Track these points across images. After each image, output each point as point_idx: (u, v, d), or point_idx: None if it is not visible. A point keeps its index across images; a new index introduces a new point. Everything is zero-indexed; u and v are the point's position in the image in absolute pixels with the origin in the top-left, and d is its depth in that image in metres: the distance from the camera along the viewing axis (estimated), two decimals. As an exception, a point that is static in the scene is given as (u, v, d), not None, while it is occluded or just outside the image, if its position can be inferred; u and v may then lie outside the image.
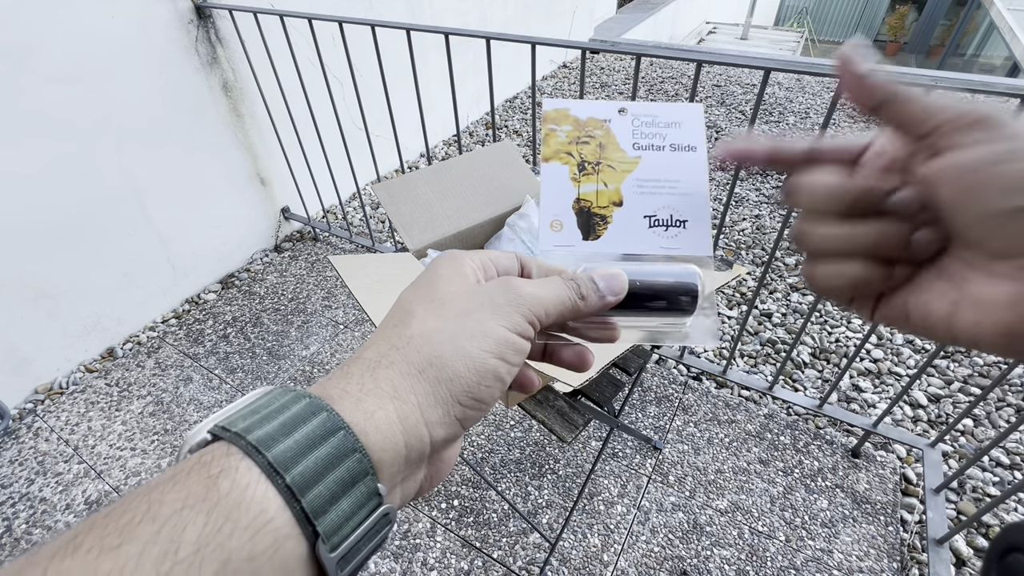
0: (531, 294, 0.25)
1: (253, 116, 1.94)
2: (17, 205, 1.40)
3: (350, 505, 0.19)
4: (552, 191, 0.32)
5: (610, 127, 0.32)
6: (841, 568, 1.14)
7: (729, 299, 1.95)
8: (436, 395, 0.22)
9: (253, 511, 0.17)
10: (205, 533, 0.16)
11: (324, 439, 0.19)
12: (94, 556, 0.15)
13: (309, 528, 0.18)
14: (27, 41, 1.32)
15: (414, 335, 0.23)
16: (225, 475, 0.17)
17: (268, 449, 0.18)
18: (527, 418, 1.46)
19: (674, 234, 0.31)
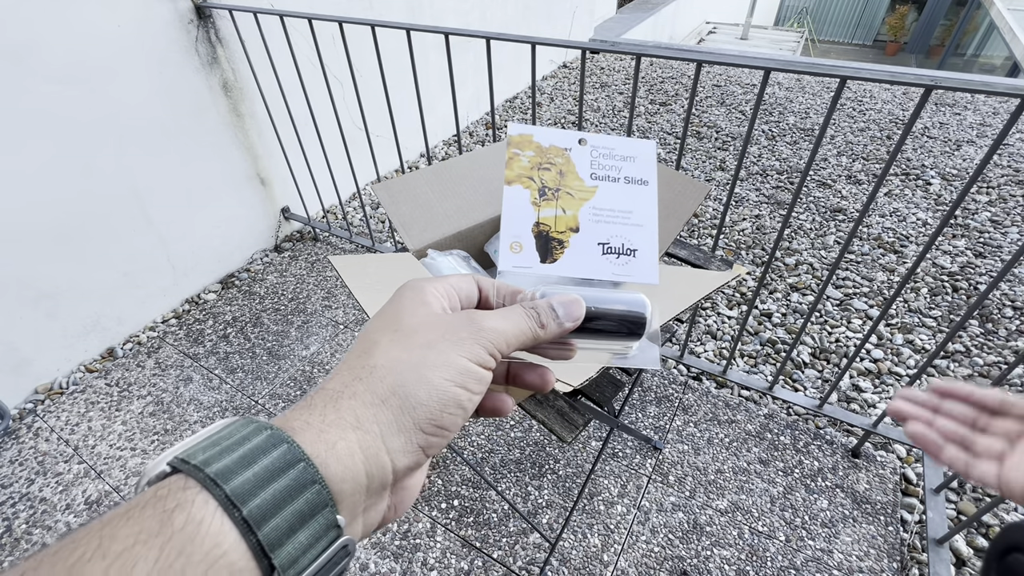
0: (493, 328, 0.25)
1: (253, 116, 1.94)
2: (17, 205, 1.40)
3: (307, 537, 0.19)
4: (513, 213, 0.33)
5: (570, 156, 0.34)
6: (841, 568, 1.14)
7: (729, 299, 1.95)
8: (399, 423, 0.22)
9: (207, 545, 0.16)
10: (156, 569, 0.15)
11: (284, 471, 0.19)
12: None
13: (265, 561, 0.17)
14: (27, 41, 1.32)
15: (377, 365, 0.23)
16: (180, 509, 0.17)
17: (226, 482, 0.18)
18: (527, 418, 1.46)
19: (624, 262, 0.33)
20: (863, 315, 1.85)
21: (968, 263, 2.08)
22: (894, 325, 1.81)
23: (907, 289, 1.96)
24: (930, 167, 2.73)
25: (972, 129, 3.11)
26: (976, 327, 1.79)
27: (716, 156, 2.93)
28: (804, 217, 2.38)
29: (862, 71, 0.88)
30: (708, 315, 1.87)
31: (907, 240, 2.22)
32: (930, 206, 2.44)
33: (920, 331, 1.79)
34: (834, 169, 2.75)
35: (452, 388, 0.23)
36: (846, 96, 3.63)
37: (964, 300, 1.90)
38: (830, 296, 1.94)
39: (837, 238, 2.24)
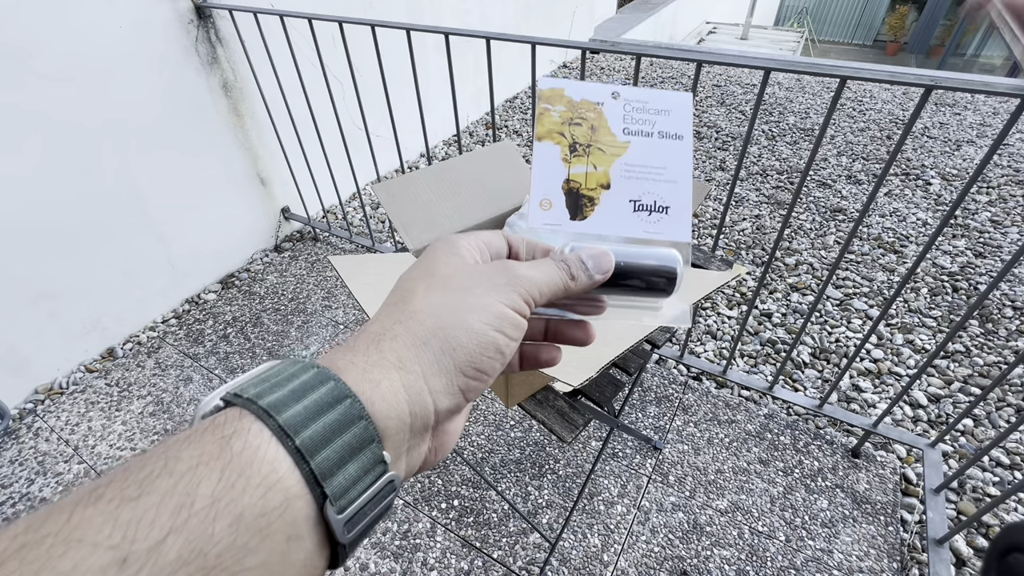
0: (526, 275, 0.26)
1: (253, 116, 1.94)
2: (17, 205, 1.40)
3: (356, 470, 0.19)
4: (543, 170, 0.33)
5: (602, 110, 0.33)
6: (841, 568, 1.14)
7: (729, 299, 1.95)
8: (440, 365, 0.23)
9: (264, 470, 0.17)
10: (219, 488, 0.16)
11: (332, 406, 0.19)
12: (115, 506, 0.15)
13: (318, 490, 0.18)
14: (28, 41, 1.32)
15: (417, 309, 0.24)
16: (238, 436, 0.18)
17: (279, 413, 0.18)
18: (527, 418, 1.46)
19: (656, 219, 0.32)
20: (863, 315, 1.85)
21: (968, 263, 2.08)
22: (894, 325, 1.81)
23: (907, 289, 1.96)
24: (930, 167, 2.73)
25: (972, 129, 3.11)
26: (976, 327, 1.79)
27: (716, 156, 2.93)
28: (804, 217, 2.38)
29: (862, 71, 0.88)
30: (708, 315, 1.87)
31: (907, 240, 2.22)
32: (930, 206, 2.44)
33: (920, 331, 1.79)
34: (834, 169, 2.75)
35: (490, 332, 0.24)
36: (846, 96, 3.63)
37: (964, 300, 1.90)
38: (830, 296, 1.94)
39: (837, 238, 2.24)
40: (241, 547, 0.16)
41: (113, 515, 0.15)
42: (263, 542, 0.17)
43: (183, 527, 0.15)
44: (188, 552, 0.15)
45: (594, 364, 0.64)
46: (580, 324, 0.31)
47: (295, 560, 0.18)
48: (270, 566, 0.17)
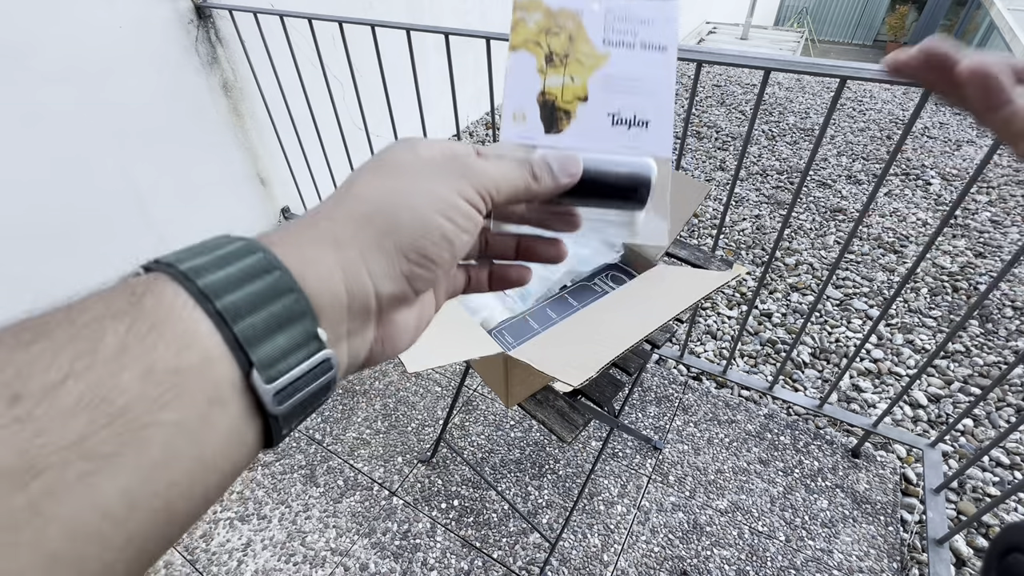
0: (482, 169, 0.24)
1: (253, 116, 1.94)
2: (17, 205, 1.40)
3: (286, 341, 0.18)
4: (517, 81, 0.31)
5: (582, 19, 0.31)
6: (841, 568, 1.14)
7: (729, 299, 1.95)
8: (380, 245, 0.21)
9: (179, 329, 0.16)
10: (127, 339, 0.15)
11: (259, 276, 0.18)
12: (7, 350, 0.14)
13: (242, 355, 0.17)
14: (27, 41, 1.32)
15: (358, 193, 0.22)
16: (150, 294, 0.16)
17: (199, 277, 0.17)
18: (527, 418, 1.46)
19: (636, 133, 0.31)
20: (863, 315, 1.85)
21: (968, 263, 2.08)
22: (894, 325, 1.81)
23: (907, 289, 1.96)
24: (930, 167, 2.73)
25: (972, 129, 3.11)
26: (976, 327, 1.79)
27: (716, 156, 2.93)
28: (804, 217, 2.38)
29: (862, 71, 0.88)
30: (708, 315, 1.87)
31: (907, 240, 2.22)
32: (930, 206, 2.44)
33: (920, 331, 1.79)
34: (834, 169, 2.75)
35: (436, 216, 0.22)
36: (846, 96, 3.63)
37: (964, 300, 1.90)
38: (830, 296, 1.94)
39: (837, 238, 2.24)
40: (154, 400, 0.15)
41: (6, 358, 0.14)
42: (179, 398, 0.15)
43: (84, 373, 0.14)
44: (90, 396, 0.14)
45: (594, 364, 0.64)
46: (552, 241, 0.30)
47: (218, 424, 0.16)
48: (187, 424, 0.15)
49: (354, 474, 1.34)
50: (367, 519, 1.25)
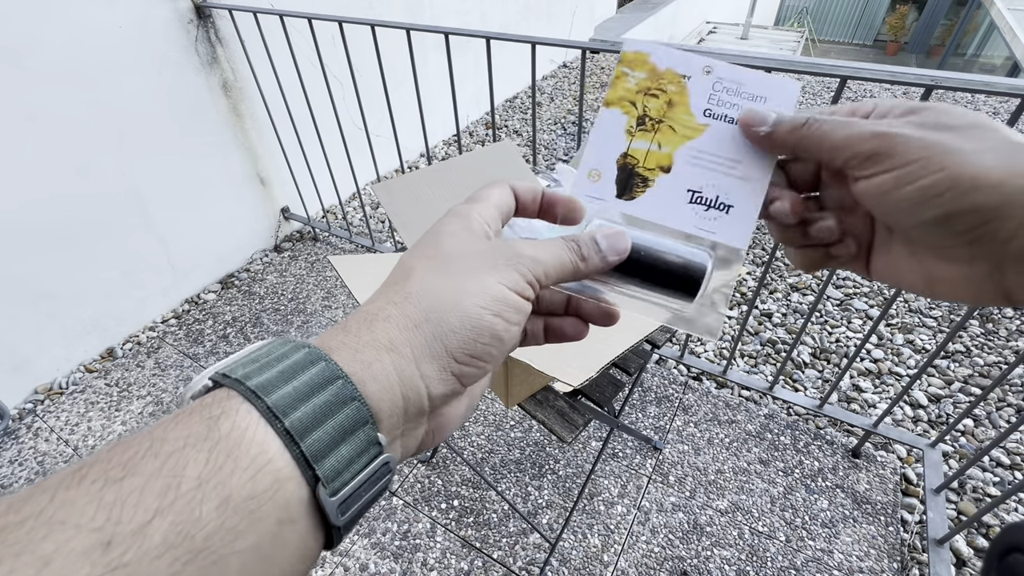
0: (531, 256, 0.25)
1: (253, 116, 1.94)
2: (17, 205, 1.40)
3: (350, 451, 0.19)
4: (602, 139, 0.30)
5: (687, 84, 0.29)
6: (841, 568, 1.14)
7: (729, 299, 1.95)
8: (431, 349, 0.22)
9: (253, 451, 0.17)
10: (206, 471, 0.16)
11: (323, 387, 0.19)
12: (98, 487, 0.15)
13: (309, 472, 0.18)
14: (27, 41, 1.32)
15: (412, 291, 0.23)
16: (225, 416, 0.17)
17: (267, 394, 0.18)
18: (527, 418, 1.46)
19: (714, 216, 0.28)
20: (863, 315, 1.85)
21: (968, 263, 2.08)
22: (894, 325, 1.81)
23: (907, 289, 1.96)
24: (930, 167, 2.73)
25: (972, 129, 3.11)
26: (976, 327, 1.79)
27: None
28: (804, 217, 2.38)
29: (862, 71, 0.88)
30: (708, 315, 1.87)
31: (907, 240, 2.22)
32: (930, 206, 2.43)
33: (920, 331, 1.79)
34: (834, 169, 2.75)
35: (487, 316, 0.23)
36: (846, 96, 3.63)
37: (964, 300, 1.90)
38: (830, 296, 1.94)
39: (837, 238, 2.24)
40: (230, 530, 0.16)
41: (97, 496, 0.15)
42: (253, 525, 0.16)
43: (169, 509, 0.15)
44: (174, 535, 0.15)
45: (594, 364, 0.64)
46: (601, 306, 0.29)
47: (288, 542, 0.17)
48: (261, 548, 0.17)
49: (354, 474, 1.34)
50: (367, 519, 1.25)
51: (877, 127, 0.24)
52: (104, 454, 0.16)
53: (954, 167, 0.22)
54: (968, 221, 0.22)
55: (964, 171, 0.21)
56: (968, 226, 0.22)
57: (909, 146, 0.23)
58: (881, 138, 0.23)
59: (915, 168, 0.22)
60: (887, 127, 0.24)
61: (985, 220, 0.21)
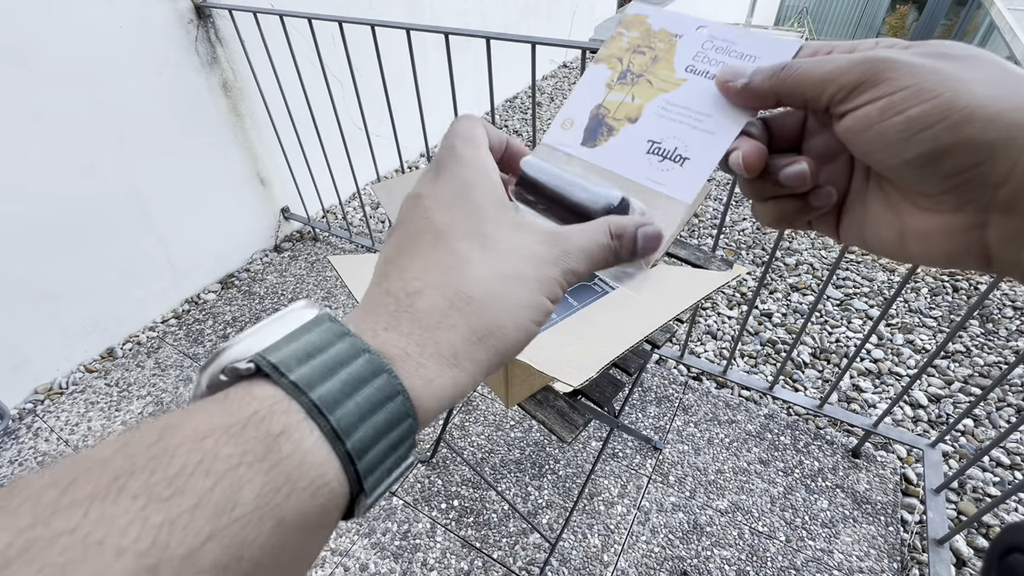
0: (576, 245, 0.24)
1: (253, 116, 1.94)
2: (18, 205, 1.40)
3: (391, 463, 0.19)
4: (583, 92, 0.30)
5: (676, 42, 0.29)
6: (841, 568, 1.14)
7: (729, 299, 1.95)
8: (489, 362, 0.22)
9: (313, 474, 0.17)
10: (264, 493, 0.15)
11: (383, 404, 0.19)
12: (141, 505, 0.14)
13: (358, 488, 0.18)
14: (28, 41, 1.32)
15: (474, 296, 0.22)
16: (286, 436, 0.16)
17: (332, 411, 0.17)
18: (527, 418, 1.46)
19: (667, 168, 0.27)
20: (863, 315, 1.85)
21: (968, 263, 2.07)
22: (894, 325, 1.81)
23: (907, 289, 1.96)
24: (930, 167, 2.73)
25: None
26: (976, 327, 1.79)
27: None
28: (804, 217, 2.38)
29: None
30: (708, 315, 1.87)
31: (907, 240, 2.22)
32: (930, 206, 2.43)
33: (920, 331, 1.78)
34: (834, 169, 2.75)
35: (534, 328, 0.23)
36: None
37: (964, 300, 1.90)
38: (830, 296, 1.94)
39: (837, 238, 2.24)
40: (279, 547, 0.15)
41: (140, 516, 0.13)
42: (301, 534, 0.16)
43: (222, 533, 0.14)
44: (226, 558, 0.14)
45: (594, 364, 0.64)
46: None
47: (321, 537, 0.18)
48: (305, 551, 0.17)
49: (354, 474, 1.34)
50: (367, 519, 1.25)
51: (864, 54, 0.22)
52: (143, 462, 0.15)
53: (947, 96, 0.19)
54: (958, 160, 0.20)
55: (958, 101, 0.19)
56: (957, 167, 0.20)
57: (899, 72, 0.21)
58: (867, 63, 0.21)
59: (904, 95, 0.20)
60: (875, 52, 0.22)
61: (977, 160, 0.19)
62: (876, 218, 0.25)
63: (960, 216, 0.21)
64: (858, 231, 0.26)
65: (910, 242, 0.23)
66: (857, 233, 0.26)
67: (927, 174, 0.21)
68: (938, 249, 0.22)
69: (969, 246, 0.22)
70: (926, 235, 0.23)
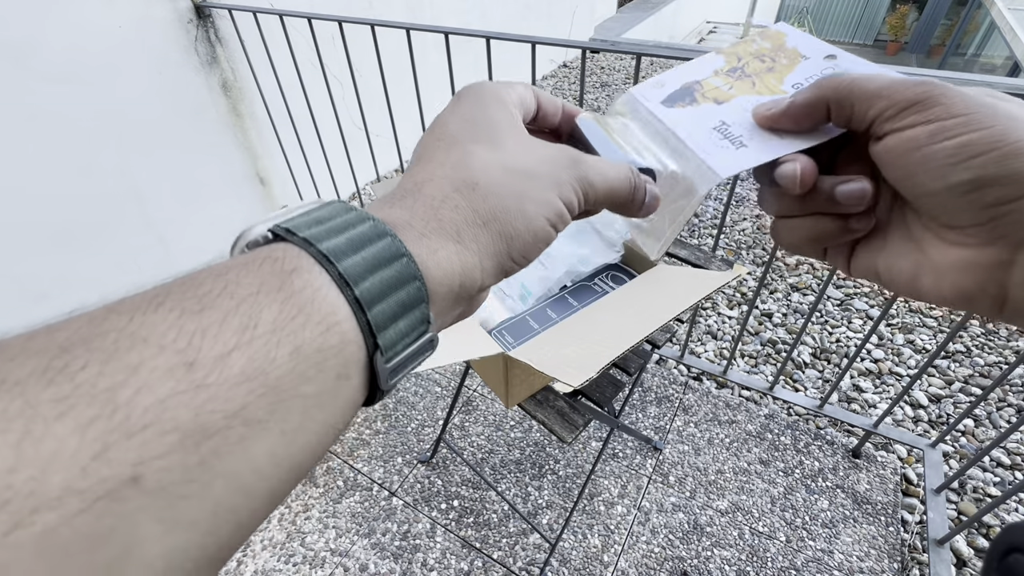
0: (597, 174, 0.25)
1: (253, 116, 1.94)
2: (17, 205, 1.40)
3: (405, 326, 0.20)
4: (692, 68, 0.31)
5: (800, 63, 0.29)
6: (842, 568, 1.14)
7: (729, 299, 1.95)
8: (495, 248, 0.22)
9: (324, 310, 0.17)
10: (280, 318, 0.16)
11: (389, 262, 0.19)
12: (176, 315, 0.15)
13: (371, 340, 0.19)
14: (27, 41, 1.32)
15: (479, 182, 0.23)
16: (298, 274, 0.18)
17: (338, 260, 0.18)
18: (527, 418, 1.46)
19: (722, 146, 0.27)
20: (864, 315, 1.85)
21: (969, 263, 2.07)
22: (895, 325, 1.81)
23: (908, 289, 1.95)
24: (931, 167, 2.73)
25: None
26: (977, 327, 1.79)
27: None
28: (804, 217, 2.38)
29: (863, 70, 0.87)
30: (708, 315, 1.87)
31: (908, 240, 2.22)
32: (931, 206, 2.43)
33: (921, 331, 1.78)
34: (834, 169, 2.75)
35: (547, 227, 0.23)
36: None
37: (965, 300, 1.90)
38: (831, 296, 1.94)
39: (837, 238, 2.23)
40: (299, 375, 0.16)
41: (176, 323, 0.15)
42: (318, 375, 0.17)
43: (247, 345, 0.15)
44: (251, 369, 0.15)
45: (594, 364, 0.64)
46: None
47: (342, 396, 0.18)
48: (321, 397, 0.17)
49: (354, 474, 1.34)
50: (367, 519, 1.25)
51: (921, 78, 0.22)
52: (175, 287, 0.16)
53: (999, 128, 0.20)
54: (1001, 191, 0.20)
55: (1009, 135, 0.20)
56: (999, 198, 0.20)
57: (953, 100, 0.21)
58: (924, 86, 0.21)
59: (957, 122, 0.20)
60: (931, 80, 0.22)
61: (1020, 193, 0.20)
62: (893, 250, 0.25)
63: (987, 251, 0.21)
64: (871, 263, 0.26)
65: (925, 276, 0.23)
66: (870, 265, 0.26)
67: (966, 203, 0.21)
68: (953, 285, 0.22)
69: (987, 285, 0.21)
70: (944, 270, 0.22)
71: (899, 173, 0.23)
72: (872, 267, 0.26)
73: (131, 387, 0.13)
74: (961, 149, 0.20)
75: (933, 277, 0.23)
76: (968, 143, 0.20)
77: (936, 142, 0.21)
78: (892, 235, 0.25)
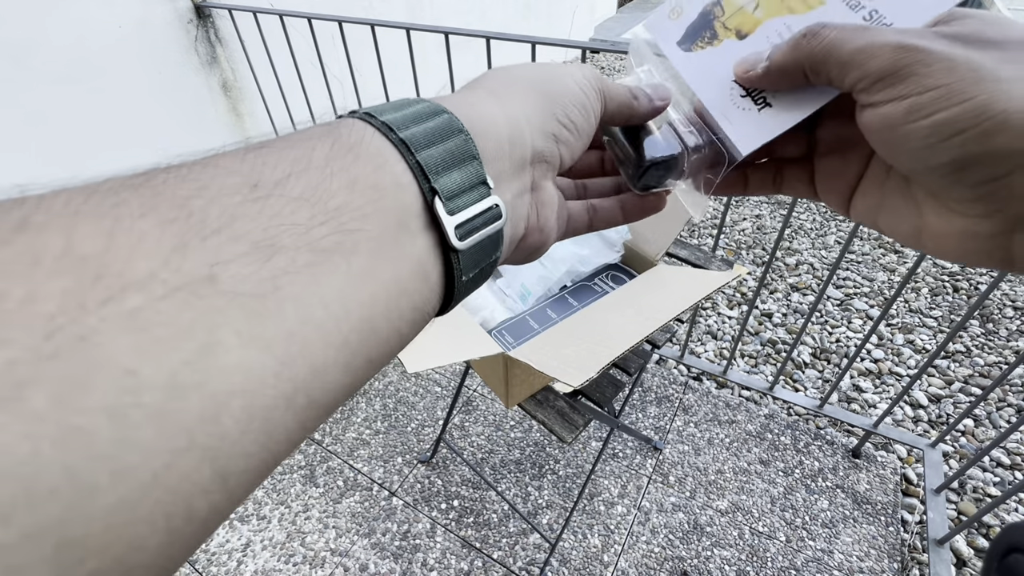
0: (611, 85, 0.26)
1: (253, 116, 1.94)
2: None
3: (461, 178, 0.19)
4: None
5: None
6: (842, 568, 1.14)
7: (729, 299, 1.95)
8: (537, 104, 0.23)
9: (372, 150, 0.18)
10: (332, 154, 0.17)
11: (431, 117, 0.19)
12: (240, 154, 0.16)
13: (426, 184, 0.18)
14: (28, 40, 1.32)
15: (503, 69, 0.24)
16: (343, 124, 0.18)
17: (378, 114, 0.19)
18: (527, 418, 1.46)
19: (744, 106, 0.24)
20: (864, 315, 1.85)
21: (969, 263, 2.07)
22: (895, 325, 1.81)
23: (908, 289, 1.96)
24: (931, 167, 2.73)
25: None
26: (977, 327, 1.79)
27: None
28: (804, 217, 2.38)
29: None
30: (708, 315, 1.87)
31: (907, 240, 2.22)
32: (931, 206, 2.43)
33: (921, 331, 1.78)
34: (834, 169, 2.75)
35: (577, 89, 0.24)
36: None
37: (965, 300, 1.90)
38: (831, 296, 1.94)
39: (838, 238, 2.23)
40: (357, 208, 0.16)
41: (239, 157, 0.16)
42: (377, 213, 0.17)
43: (303, 173, 0.16)
44: (310, 192, 0.16)
45: (594, 364, 0.64)
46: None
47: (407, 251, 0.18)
48: (384, 240, 0.17)
49: (354, 474, 1.34)
50: (367, 519, 1.25)
51: (900, 38, 0.19)
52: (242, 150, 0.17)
53: (981, 99, 0.17)
54: (986, 171, 0.18)
55: (993, 106, 0.17)
56: (986, 177, 0.18)
57: (931, 67, 0.18)
58: (899, 51, 0.19)
59: (933, 96, 0.18)
60: (912, 39, 0.19)
61: (1007, 170, 0.18)
62: (894, 209, 0.23)
63: (986, 223, 0.20)
64: (871, 215, 0.25)
65: (927, 239, 0.22)
66: (870, 217, 0.25)
67: (953, 182, 0.19)
68: (955, 250, 0.21)
69: (992, 251, 0.20)
70: (944, 236, 0.21)
71: (882, 150, 0.21)
72: (872, 220, 0.25)
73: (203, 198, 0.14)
74: (938, 129, 0.18)
75: (936, 241, 0.22)
76: (944, 122, 0.18)
77: (911, 121, 0.19)
78: (891, 195, 0.23)
